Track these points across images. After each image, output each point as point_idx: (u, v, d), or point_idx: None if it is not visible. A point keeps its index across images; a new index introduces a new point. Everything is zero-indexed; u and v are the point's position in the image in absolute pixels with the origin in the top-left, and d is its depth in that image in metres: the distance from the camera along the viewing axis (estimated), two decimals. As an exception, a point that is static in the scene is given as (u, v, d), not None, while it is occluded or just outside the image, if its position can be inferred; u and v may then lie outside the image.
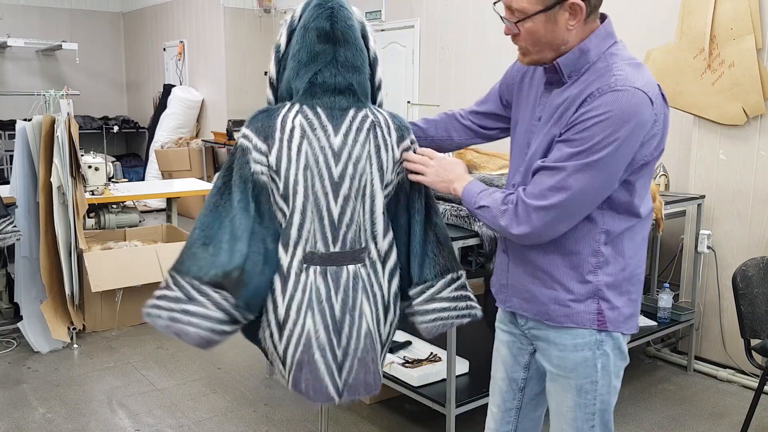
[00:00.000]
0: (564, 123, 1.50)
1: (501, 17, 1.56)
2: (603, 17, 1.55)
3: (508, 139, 1.89)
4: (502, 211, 1.56)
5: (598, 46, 1.51)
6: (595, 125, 1.43)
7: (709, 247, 3.65)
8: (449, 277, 1.90)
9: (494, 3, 1.59)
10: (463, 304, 1.91)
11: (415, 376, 2.91)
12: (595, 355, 1.62)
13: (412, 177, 1.77)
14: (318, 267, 1.75)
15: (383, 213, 1.82)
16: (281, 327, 1.76)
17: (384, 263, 1.84)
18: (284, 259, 1.74)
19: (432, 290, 1.87)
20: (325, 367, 1.75)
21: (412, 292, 1.88)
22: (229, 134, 7.24)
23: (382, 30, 6.11)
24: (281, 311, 1.75)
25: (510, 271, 1.73)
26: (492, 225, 1.61)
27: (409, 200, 1.86)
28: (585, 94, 1.47)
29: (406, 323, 2.00)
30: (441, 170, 1.71)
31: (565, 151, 1.46)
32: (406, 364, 3.04)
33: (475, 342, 3.36)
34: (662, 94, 1.52)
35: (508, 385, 1.85)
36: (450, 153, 4.14)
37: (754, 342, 2.71)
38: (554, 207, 1.49)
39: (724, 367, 3.67)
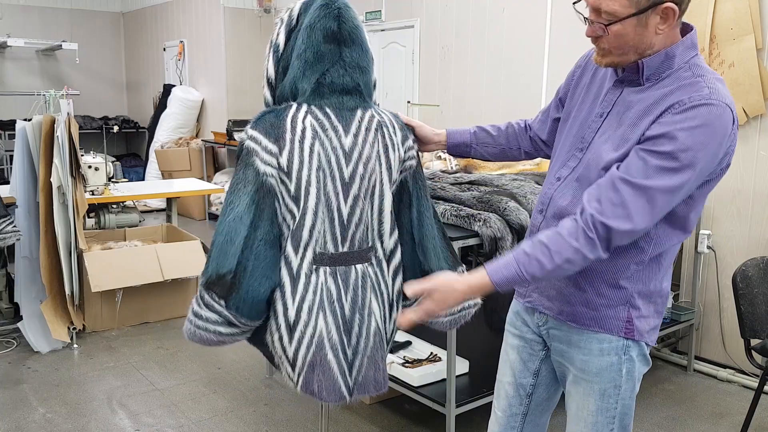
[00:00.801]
0: (642, 127, 1.44)
1: (585, 18, 1.48)
2: (690, 27, 1.51)
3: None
4: (585, 244, 1.43)
5: (683, 54, 1.47)
6: (688, 138, 1.38)
7: (709, 247, 3.65)
8: (459, 270, 1.95)
9: (574, 2, 1.52)
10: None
11: (415, 376, 2.91)
12: (621, 360, 1.59)
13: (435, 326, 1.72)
14: (328, 267, 1.75)
15: (391, 212, 1.83)
16: (292, 329, 1.75)
17: (389, 262, 1.86)
18: (294, 261, 1.74)
19: None
20: (337, 367, 1.75)
21: None
22: (229, 134, 7.24)
23: (382, 30, 6.11)
24: (291, 313, 1.75)
25: None
26: (582, 266, 1.48)
27: (413, 198, 1.88)
28: (669, 102, 1.42)
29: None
30: (443, 302, 1.53)
31: (652, 164, 1.40)
32: (406, 364, 3.04)
33: (475, 342, 3.36)
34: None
35: (516, 390, 1.81)
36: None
37: (754, 342, 2.71)
38: (635, 226, 1.43)
39: (724, 367, 3.67)
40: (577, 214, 1.46)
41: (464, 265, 1.98)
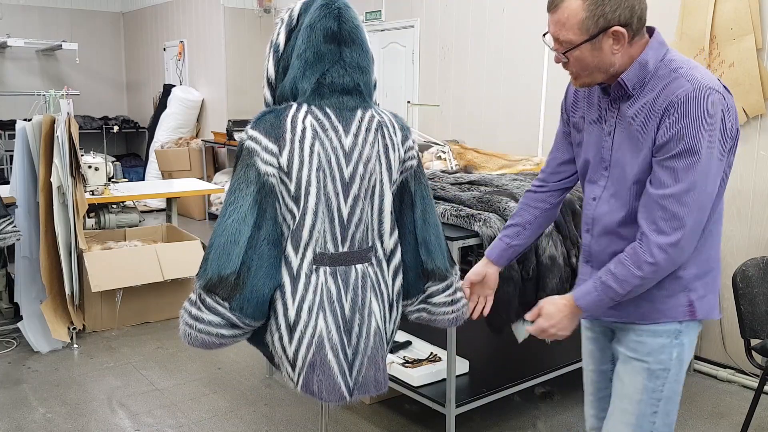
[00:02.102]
0: (651, 132, 1.58)
1: (550, 48, 1.66)
2: (651, 30, 1.64)
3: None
4: (649, 269, 1.58)
5: (655, 56, 1.61)
6: (692, 129, 1.51)
7: (709, 247, 3.64)
8: (456, 267, 1.99)
9: (543, 35, 1.68)
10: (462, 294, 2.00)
11: (415, 376, 2.91)
12: (672, 344, 1.69)
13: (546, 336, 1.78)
14: (328, 267, 1.76)
15: (391, 212, 1.83)
16: (292, 329, 1.75)
17: (389, 262, 1.86)
18: (294, 261, 1.74)
19: (455, 282, 1.96)
20: (337, 367, 1.75)
21: (436, 286, 1.93)
22: (229, 134, 7.24)
23: (382, 30, 6.11)
24: (292, 313, 1.74)
25: None
26: (656, 281, 1.64)
27: (417, 198, 1.88)
28: (662, 105, 1.55)
29: (406, 322, 2.02)
30: (557, 320, 1.71)
31: (677, 166, 1.54)
32: (406, 364, 3.04)
33: (475, 342, 3.36)
34: (723, 85, 1.60)
35: (599, 376, 1.94)
36: (449, 150, 4.14)
37: (754, 342, 2.71)
38: (692, 227, 1.56)
39: (724, 367, 3.67)
40: (637, 240, 1.60)
41: (456, 265, 2.00)
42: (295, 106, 1.73)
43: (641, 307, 1.70)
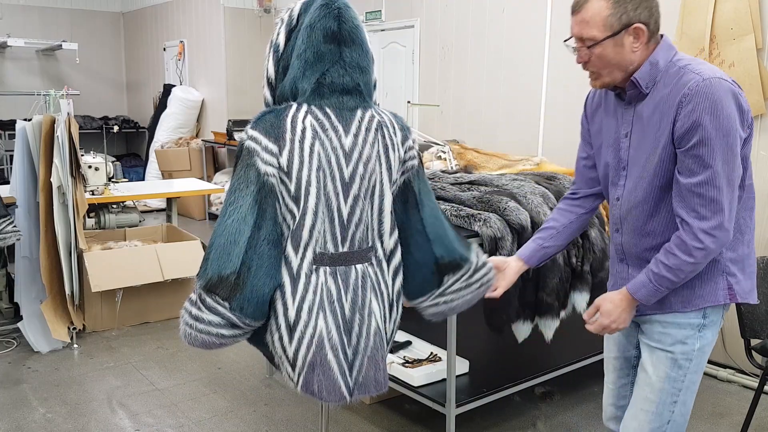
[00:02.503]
0: (667, 127, 1.66)
1: (573, 48, 1.76)
2: (660, 36, 1.75)
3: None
4: (699, 253, 1.67)
5: (665, 57, 1.72)
6: (709, 117, 1.60)
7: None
8: (472, 248, 2.02)
9: (565, 40, 1.80)
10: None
11: (415, 376, 2.91)
12: (696, 336, 1.78)
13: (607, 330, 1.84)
14: (328, 267, 1.75)
15: (391, 212, 1.83)
16: (292, 329, 1.75)
17: (389, 262, 1.86)
18: (294, 261, 1.74)
19: (472, 264, 1.96)
20: (337, 367, 1.75)
21: (454, 276, 1.93)
22: (229, 134, 7.24)
23: (382, 30, 6.11)
24: (292, 313, 1.74)
25: (631, 278, 1.84)
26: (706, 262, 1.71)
27: (423, 197, 1.89)
28: (676, 99, 1.65)
29: (406, 322, 2.02)
30: (617, 315, 1.80)
31: (702, 153, 1.62)
32: (406, 364, 3.04)
33: (475, 342, 3.36)
34: (731, 78, 1.69)
35: (622, 363, 2.01)
36: (449, 150, 4.13)
37: (754, 342, 2.71)
38: (730, 209, 1.66)
39: (724, 367, 3.67)
40: (681, 230, 1.68)
41: (472, 245, 2.01)
42: (295, 106, 1.73)
43: (680, 295, 1.77)
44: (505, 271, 2.06)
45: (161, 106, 8.47)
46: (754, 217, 1.81)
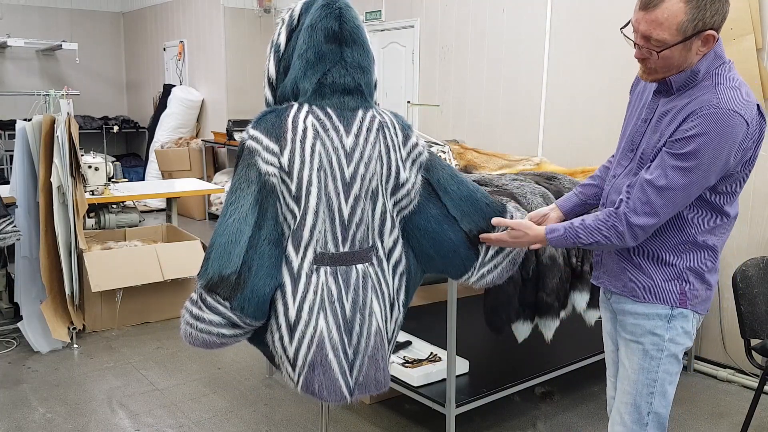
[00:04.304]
0: (665, 132, 1.69)
1: (634, 43, 1.69)
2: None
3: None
4: (614, 234, 1.74)
5: (708, 66, 1.68)
6: (699, 143, 1.61)
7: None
8: (510, 207, 2.09)
9: (621, 28, 1.72)
10: None
11: (415, 376, 2.91)
12: (666, 326, 1.80)
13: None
14: (329, 267, 1.76)
15: (391, 212, 1.83)
16: (292, 329, 1.75)
17: (389, 260, 1.86)
18: (295, 261, 1.74)
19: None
20: (338, 367, 1.76)
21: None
22: (229, 134, 7.24)
23: (382, 30, 6.11)
24: (292, 313, 1.75)
25: (603, 254, 1.93)
26: (612, 248, 1.83)
27: (445, 184, 1.91)
28: (688, 110, 1.65)
29: (406, 321, 2.02)
30: (519, 242, 1.93)
31: (669, 164, 1.65)
32: (406, 364, 3.04)
33: (475, 342, 3.36)
34: (761, 113, 1.69)
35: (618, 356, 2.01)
36: (449, 150, 4.13)
37: (754, 342, 2.71)
38: (661, 218, 1.71)
39: (724, 367, 3.67)
40: (615, 206, 1.74)
41: (504, 199, 2.06)
42: (296, 106, 1.73)
43: (641, 283, 1.81)
44: (545, 224, 2.03)
45: (161, 106, 8.47)
46: (720, 239, 1.82)
